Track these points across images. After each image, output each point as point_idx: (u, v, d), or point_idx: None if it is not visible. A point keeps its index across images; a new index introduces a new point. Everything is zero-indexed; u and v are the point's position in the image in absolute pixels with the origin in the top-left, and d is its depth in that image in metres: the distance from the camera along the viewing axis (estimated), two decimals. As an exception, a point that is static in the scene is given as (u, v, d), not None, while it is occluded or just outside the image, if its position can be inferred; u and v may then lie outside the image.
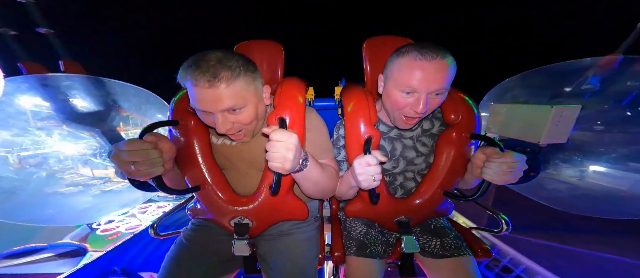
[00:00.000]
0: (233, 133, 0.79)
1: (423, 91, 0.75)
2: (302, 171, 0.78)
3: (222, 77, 0.67)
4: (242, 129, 0.81)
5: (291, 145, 0.67)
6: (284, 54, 1.23)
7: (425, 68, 0.73)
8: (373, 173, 0.74)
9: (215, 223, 1.00)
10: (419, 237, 1.05)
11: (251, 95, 0.76)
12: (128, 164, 0.67)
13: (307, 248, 0.98)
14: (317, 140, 0.94)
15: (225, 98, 0.70)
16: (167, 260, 0.91)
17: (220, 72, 0.67)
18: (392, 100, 0.84)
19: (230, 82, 0.69)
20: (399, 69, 0.78)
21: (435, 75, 0.73)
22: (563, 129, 1.10)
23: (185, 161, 0.91)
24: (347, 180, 0.92)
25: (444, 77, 0.74)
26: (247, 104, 0.76)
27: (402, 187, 1.06)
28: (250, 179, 0.95)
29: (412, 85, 0.75)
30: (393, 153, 1.03)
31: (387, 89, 0.86)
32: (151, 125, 0.76)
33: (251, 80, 0.76)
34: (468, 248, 0.97)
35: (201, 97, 0.69)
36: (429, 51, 0.73)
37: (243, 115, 0.76)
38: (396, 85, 0.80)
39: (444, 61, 0.73)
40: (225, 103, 0.70)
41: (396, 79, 0.79)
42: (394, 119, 0.90)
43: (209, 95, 0.68)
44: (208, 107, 0.71)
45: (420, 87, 0.75)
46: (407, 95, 0.79)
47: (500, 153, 0.75)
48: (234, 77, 0.69)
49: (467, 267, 0.90)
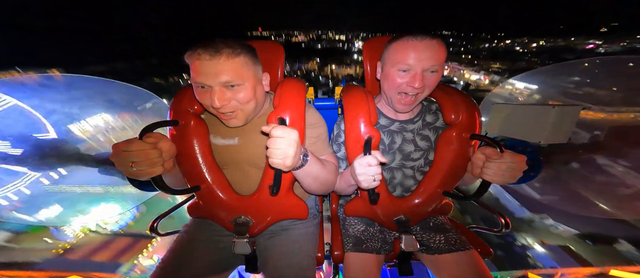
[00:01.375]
0: (228, 111, 0.79)
1: (418, 67, 0.81)
2: (303, 167, 0.78)
3: (223, 52, 0.73)
4: (237, 109, 0.81)
5: (292, 141, 0.67)
6: (284, 54, 1.23)
7: (417, 46, 0.81)
8: (373, 174, 0.74)
9: (215, 221, 1.00)
10: (421, 235, 1.05)
11: (250, 75, 0.80)
12: (127, 164, 0.68)
13: (305, 243, 0.99)
14: (316, 136, 0.95)
15: (224, 71, 0.73)
16: (167, 254, 0.92)
17: (222, 48, 0.73)
18: (390, 80, 0.88)
19: (230, 57, 0.74)
20: (394, 50, 0.86)
21: (427, 52, 0.80)
22: (565, 129, 1.09)
23: (185, 161, 0.92)
24: (346, 178, 0.92)
25: (435, 54, 0.81)
26: (245, 83, 0.78)
27: (401, 186, 1.06)
28: (250, 178, 0.95)
29: (407, 61, 0.82)
30: (391, 146, 1.03)
31: (385, 72, 0.91)
32: (151, 125, 0.77)
33: (251, 63, 0.81)
34: (471, 245, 0.97)
35: (202, 69, 0.73)
36: (420, 33, 0.82)
37: (241, 94, 0.78)
38: (393, 64, 0.86)
39: (434, 41, 0.81)
40: (224, 76, 0.73)
41: (392, 60, 0.86)
42: (392, 100, 0.93)
43: (210, 67, 0.73)
44: (208, 79, 0.73)
45: (415, 63, 0.81)
46: (404, 73, 0.85)
47: (500, 153, 0.75)
48: (234, 54, 0.75)
49: (475, 261, 0.91)
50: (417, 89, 0.84)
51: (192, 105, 0.92)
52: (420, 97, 0.89)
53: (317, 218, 1.15)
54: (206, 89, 0.76)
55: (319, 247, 1.06)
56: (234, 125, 0.86)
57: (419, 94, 0.86)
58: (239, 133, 0.94)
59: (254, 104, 0.84)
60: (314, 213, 1.14)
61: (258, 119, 0.95)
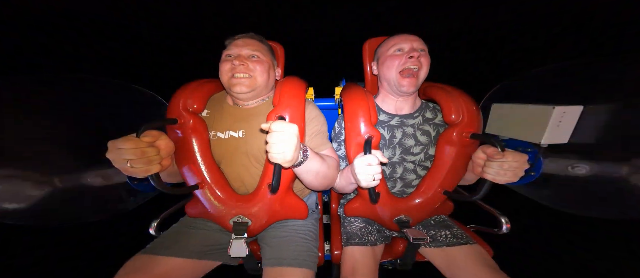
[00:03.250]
0: (241, 72, 0.90)
1: (409, 45, 0.94)
2: (303, 163, 0.77)
3: (253, 37, 0.98)
4: (252, 75, 0.91)
5: (291, 135, 0.66)
6: (284, 54, 1.23)
7: (404, 35, 0.97)
8: (373, 173, 0.74)
9: (214, 221, 0.99)
10: (425, 231, 1.05)
11: (269, 58, 0.98)
12: (124, 162, 0.67)
13: (304, 243, 0.98)
14: (316, 131, 0.95)
15: (251, 45, 0.94)
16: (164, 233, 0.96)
17: (253, 36, 0.98)
18: (389, 62, 0.96)
19: (257, 42, 0.97)
20: (385, 43, 1.01)
21: (413, 37, 0.96)
22: (565, 130, 1.09)
23: (184, 159, 0.91)
24: (346, 176, 0.92)
25: (419, 40, 0.96)
26: (263, 59, 0.95)
27: (401, 179, 1.06)
28: (252, 174, 0.95)
29: (400, 44, 0.95)
30: (391, 141, 1.03)
31: (381, 61, 1.00)
32: (149, 123, 0.76)
33: (270, 53, 1.01)
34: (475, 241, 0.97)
35: (235, 43, 0.94)
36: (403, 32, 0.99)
37: (258, 64, 0.92)
38: (387, 49, 0.98)
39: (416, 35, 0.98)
40: (249, 48, 0.93)
41: (386, 47, 0.99)
42: (397, 82, 0.96)
43: (241, 41, 0.94)
44: (237, 49, 0.92)
45: (406, 43, 0.95)
46: (400, 52, 0.95)
47: (501, 152, 0.74)
48: (260, 41, 0.99)
49: (485, 254, 0.90)
50: (417, 59, 0.92)
51: (191, 103, 0.92)
52: (421, 75, 0.94)
53: (316, 213, 1.15)
54: (232, 57, 0.91)
55: (318, 246, 1.05)
56: (239, 91, 0.90)
57: (420, 70, 0.93)
58: (244, 126, 0.95)
59: (264, 78, 0.94)
60: (313, 209, 1.14)
61: (262, 116, 0.96)
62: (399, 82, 0.94)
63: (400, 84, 0.94)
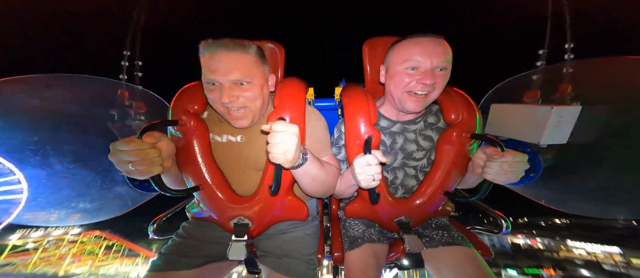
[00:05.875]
0: (236, 106, 0.82)
1: (428, 63, 0.79)
2: (302, 166, 0.77)
3: (236, 48, 0.78)
4: (245, 106, 0.83)
5: (292, 135, 0.66)
6: (285, 54, 1.23)
7: (424, 42, 0.80)
8: (373, 173, 0.74)
9: (214, 222, 0.99)
10: (423, 232, 1.05)
11: (259, 73, 0.84)
12: (126, 163, 0.67)
13: (305, 246, 0.98)
14: (317, 138, 0.94)
15: (235, 68, 0.77)
16: (165, 249, 0.94)
17: (237, 45, 0.78)
18: (398, 79, 0.86)
19: (242, 53, 0.78)
20: (400, 50, 0.84)
21: (434, 48, 0.79)
22: (563, 130, 1.09)
23: (185, 161, 0.91)
24: (347, 179, 0.92)
25: (443, 52, 0.80)
26: (253, 81, 0.81)
27: (402, 186, 1.06)
28: (251, 179, 0.95)
29: (415, 57, 0.80)
30: (392, 146, 1.03)
31: (390, 73, 0.89)
32: (150, 124, 0.76)
33: (260, 62, 0.85)
34: (471, 244, 0.97)
35: (215, 65, 0.76)
36: (423, 32, 0.81)
37: (248, 92, 0.81)
38: (400, 63, 0.84)
39: (440, 39, 0.80)
40: (234, 74, 0.77)
41: (399, 58, 0.84)
42: (402, 102, 0.89)
43: (222, 62, 0.76)
44: (219, 75, 0.76)
45: (424, 58, 0.79)
46: (413, 71, 0.82)
47: (501, 152, 0.74)
48: (246, 51, 0.79)
49: (476, 256, 0.91)
50: (429, 87, 0.81)
51: (193, 105, 0.92)
52: (431, 97, 0.85)
53: (316, 219, 1.14)
54: (216, 86, 0.79)
55: (319, 248, 1.05)
56: (240, 126, 0.87)
57: (430, 93, 0.84)
58: (243, 131, 0.94)
59: (260, 102, 0.86)
60: (314, 215, 1.13)
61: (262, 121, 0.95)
62: (406, 103, 0.88)
63: (405, 102, 0.88)
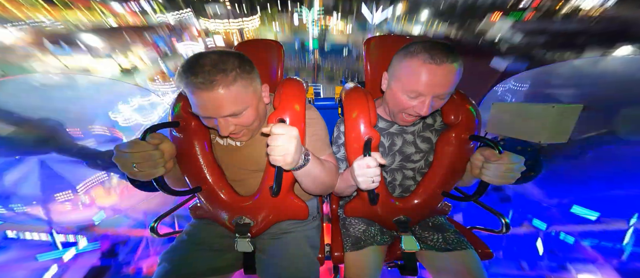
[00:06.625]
0: (234, 132, 0.80)
1: (429, 95, 0.77)
2: (304, 167, 0.77)
3: (218, 82, 0.67)
4: (242, 130, 0.82)
5: (292, 138, 0.67)
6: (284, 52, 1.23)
7: (434, 72, 0.73)
8: (372, 175, 0.74)
9: (216, 222, 1.00)
10: (420, 233, 1.05)
11: (250, 97, 0.76)
12: (130, 165, 0.68)
13: (306, 246, 0.99)
14: (316, 136, 0.95)
15: (225, 104, 0.70)
16: (167, 255, 0.92)
17: (216, 77, 0.66)
18: (397, 100, 0.85)
19: (227, 86, 0.68)
20: (407, 71, 0.78)
21: (442, 79, 0.74)
22: (564, 129, 1.09)
23: (187, 162, 0.92)
24: (346, 178, 0.92)
25: (450, 82, 0.75)
26: (247, 107, 0.76)
27: (400, 186, 1.06)
28: (252, 180, 0.96)
29: (418, 90, 0.76)
30: (391, 148, 1.03)
31: (392, 89, 0.86)
32: (152, 126, 0.77)
33: (249, 82, 0.75)
34: (470, 245, 0.97)
35: (201, 104, 0.70)
36: (439, 54, 0.72)
37: (244, 118, 0.77)
38: (402, 87, 0.80)
39: (452, 66, 0.73)
40: (226, 109, 0.71)
41: (403, 82, 0.80)
42: (394, 115, 0.92)
43: (209, 101, 0.69)
44: (209, 113, 0.72)
45: (426, 91, 0.76)
46: (412, 98, 0.81)
47: (499, 154, 0.75)
48: (230, 81, 0.69)
49: (471, 261, 0.91)
50: (421, 116, 0.82)
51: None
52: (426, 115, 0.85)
53: (317, 219, 1.15)
54: (210, 118, 0.75)
55: (319, 249, 1.06)
56: (240, 140, 0.88)
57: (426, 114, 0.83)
58: None
59: (258, 122, 0.84)
60: (314, 215, 1.14)
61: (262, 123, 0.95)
62: (398, 120, 0.92)
63: (397, 117, 0.92)
